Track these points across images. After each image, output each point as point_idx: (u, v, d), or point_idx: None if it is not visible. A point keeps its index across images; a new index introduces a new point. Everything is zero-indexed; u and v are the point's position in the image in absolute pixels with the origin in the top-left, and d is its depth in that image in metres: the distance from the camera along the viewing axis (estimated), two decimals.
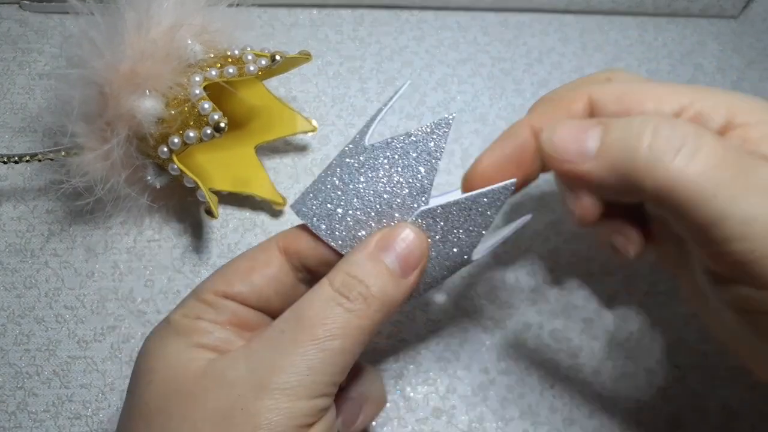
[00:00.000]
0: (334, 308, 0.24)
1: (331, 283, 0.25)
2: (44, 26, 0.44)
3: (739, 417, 0.35)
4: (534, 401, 0.35)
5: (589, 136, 0.24)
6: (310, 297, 0.24)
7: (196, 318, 0.26)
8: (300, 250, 0.27)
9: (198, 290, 0.27)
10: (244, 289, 0.26)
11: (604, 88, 0.27)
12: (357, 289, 0.24)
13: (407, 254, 0.25)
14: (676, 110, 0.25)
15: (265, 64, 0.34)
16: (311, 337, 0.23)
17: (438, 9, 0.47)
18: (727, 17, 0.48)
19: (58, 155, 0.34)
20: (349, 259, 0.25)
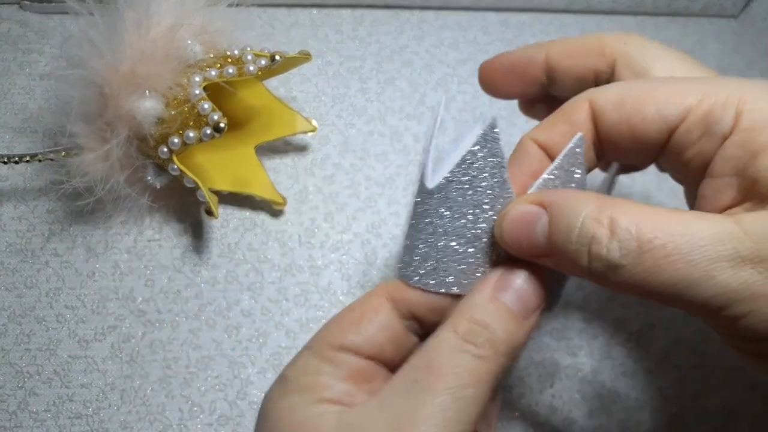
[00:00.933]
0: (463, 356, 0.23)
1: (456, 330, 0.24)
2: (44, 27, 0.44)
3: (739, 417, 0.35)
4: (534, 401, 0.35)
5: (538, 233, 0.24)
6: (436, 345, 0.24)
7: (315, 374, 0.25)
8: (408, 299, 0.26)
9: (312, 345, 0.26)
10: (357, 338, 0.26)
11: (605, 92, 0.26)
12: (483, 335, 0.24)
13: (528, 293, 0.25)
14: (681, 113, 0.24)
15: (264, 64, 0.35)
16: (445, 386, 0.23)
17: (438, 9, 0.47)
18: (727, 17, 0.48)
19: (59, 155, 0.34)
20: (470, 303, 0.25)
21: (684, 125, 0.24)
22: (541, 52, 0.30)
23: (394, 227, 0.39)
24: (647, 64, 0.28)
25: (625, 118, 0.25)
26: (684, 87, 0.25)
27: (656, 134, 0.25)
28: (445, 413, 0.22)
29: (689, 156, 0.25)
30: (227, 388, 0.35)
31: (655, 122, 0.24)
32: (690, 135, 0.24)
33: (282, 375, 0.26)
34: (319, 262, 0.38)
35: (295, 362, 0.26)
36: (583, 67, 0.29)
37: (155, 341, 0.35)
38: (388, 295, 0.27)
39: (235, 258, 0.38)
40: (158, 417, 0.34)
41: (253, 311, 0.36)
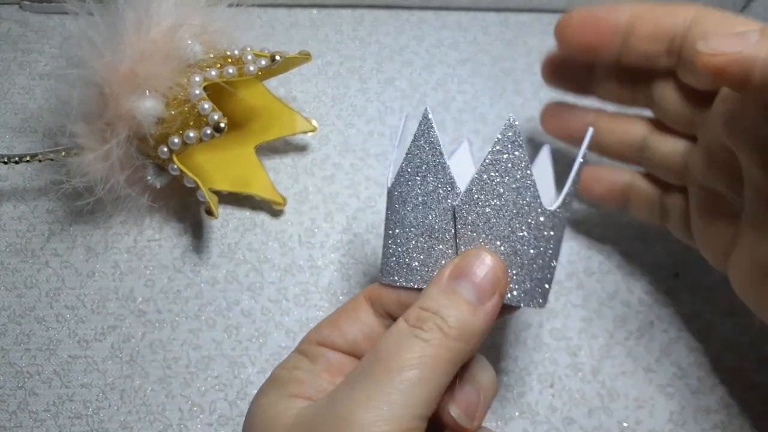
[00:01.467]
0: (408, 340, 0.24)
1: (407, 319, 0.25)
2: (44, 26, 0.44)
3: (739, 417, 0.35)
4: (534, 400, 0.35)
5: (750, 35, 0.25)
6: (386, 335, 0.25)
7: (293, 368, 0.27)
8: (381, 297, 0.28)
9: (300, 343, 0.28)
10: (333, 334, 0.27)
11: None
12: (431, 320, 0.24)
13: (482, 281, 0.25)
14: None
15: (264, 64, 0.35)
16: (386, 369, 0.23)
17: (438, 9, 0.47)
18: None
19: (59, 155, 0.34)
20: (423, 295, 0.26)
21: None
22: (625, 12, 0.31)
23: None
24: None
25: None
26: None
27: None
28: (388, 396, 0.22)
29: None
30: (227, 388, 0.35)
31: None
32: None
33: (271, 373, 0.28)
34: (319, 262, 0.38)
35: (283, 360, 0.28)
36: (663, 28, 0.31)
37: (155, 341, 0.35)
38: (367, 295, 0.28)
39: (235, 258, 0.38)
40: (158, 417, 0.34)
41: (253, 311, 0.36)
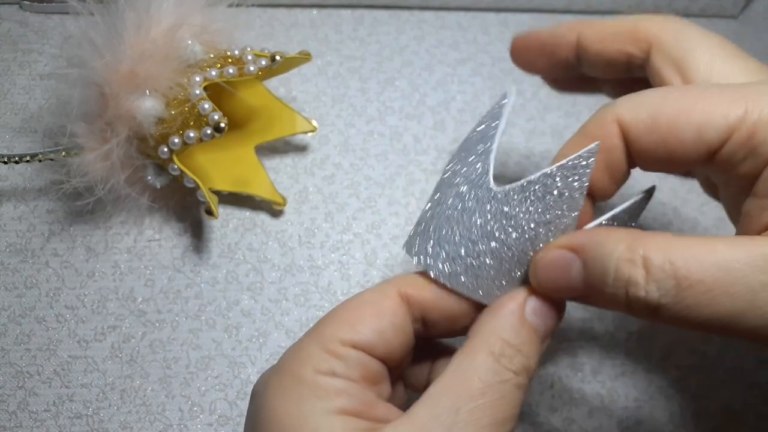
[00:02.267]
0: (505, 386, 0.22)
1: (490, 350, 0.23)
2: (44, 27, 0.44)
3: (739, 417, 0.35)
4: (534, 401, 0.35)
5: (573, 277, 0.23)
6: (473, 366, 0.23)
7: (330, 375, 0.23)
8: (425, 301, 0.25)
9: (320, 337, 0.24)
10: (373, 338, 0.24)
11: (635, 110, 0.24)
12: (519, 361, 0.23)
13: (552, 319, 0.24)
14: (723, 134, 0.22)
15: (265, 64, 0.35)
16: (490, 421, 0.22)
17: (438, 9, 0.47)
18: (727, 17, 0.48)
19: (59, 155, 0.34)
20: (499, 320, 0.24)
21: (727, 146, 0.23)
22: (571, 33, 0.29)
23: (394, 227, 0.39)
24: (685, 50, 0.26)
25: (662, 142, 0.23)
26: (723, 102, 0.23)
27: (696, 156, 0.23)
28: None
29: (732, 174, 0.24)
30: (227, 388, 0.35)
31: (696, 145, 0.23)
32: (734, 156, 0.23)
33: (290, 369, 0.23)
34: (319, 262, 0.38)
35: (303, 356, 0.24)
36: (616, 52, 0.28)
37: (155, 341, 0.35)
38: (403, 293, 0.25)
39: (235, 258, 0.38)
40: (158, 417, 0.34)
41: (253, 311, 0.36)
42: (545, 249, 0.24)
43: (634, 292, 0.21)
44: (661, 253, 0.21)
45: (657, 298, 0.21)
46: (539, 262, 0.24)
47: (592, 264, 0.22)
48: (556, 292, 0.24)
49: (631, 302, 0.21)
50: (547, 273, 0.24)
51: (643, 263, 0.21)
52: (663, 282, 0.21)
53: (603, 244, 0.22)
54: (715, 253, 0.21)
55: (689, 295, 0.20)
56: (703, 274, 0.20)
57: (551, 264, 0.24)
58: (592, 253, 0.22)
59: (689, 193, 0.41)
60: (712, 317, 0.20)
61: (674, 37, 0.27)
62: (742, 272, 0.20)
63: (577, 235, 0.24)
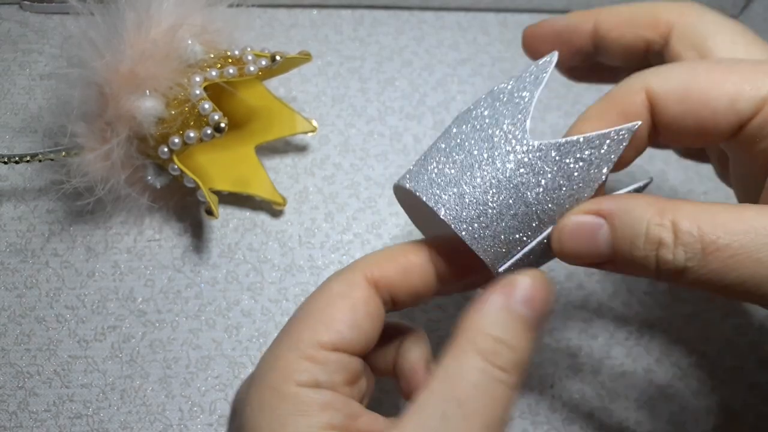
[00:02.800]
0: (496, 387, 0.21)
1: (477, 348, 0.22)
2: (44, 27, 0.44)
3: (739, 417, 0.35)
4: (534, 401, 0.35)
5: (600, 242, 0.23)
6: (460, 370, 0.22)
7: (313, 386, 0.22)
8: (392, 283, 0.24)
9: (297, 343, 0.23)
10: (351, 335, 0.23)
11: (666, 81, 0.24)
12: (509, 356, 0.22)
13: (542, 305, 0.23)
14: (756, 105, 0.22)
15: (265, 64, 0.35)
16: (482, 426, 0.21)
17: (438, 9, 0.47)
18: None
19: (59, 155, 0.34)
20: (488, 317, 0.22)
21: (757, 118, 0.23)
22: (589, 21, 0.28)
23: (394, 227, 0.39)
24: (706, 36, 0.26)
25: (692, 112, 0.23)
26: (755, 75, 0.23)
27: (727, 128, 0.23)
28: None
29: (760, 148, 0.23)
30: (227, 388, 0.35)
31: (726, 116, 0.23)
32: (764, 129, 0.23)
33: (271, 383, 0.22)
34: (319, 263, 0.38)
35: (282, 367, 0.22)
36: (635, 38, 0.28)
37: (155, 341, 0.35)
38: (370, 277, 0.24)
39: (235, 258, 0.38)
40: (158, 417, 0.34)
41: (253, 311, 0.36)
42: (569, 214, 0.23)
43: (663, 255, 0.21)
44: (688, 219, 0.21)
45: (683, 262, 0.21)
46: (564, 228, 0.23)
47: (622, 228, 0.22)
48: (580, 257, 0.23)
49: (660, 265, 0.22)
50: (573, 238, 0.23)
51: (672, 228, 0.21)
52: (690, 246, 0.21)
53: (633, 208, 0.22)
54: (743, 219, 0.21)
55: (715, 259, 0.21)
56: (729, 239, 0.20)
57: (578, 228, 0.23)
58: (621, 217, 0.22)
59: (689, 193, 0.41)
60: (736, 281, 0.21)
61: (694, 22, 0.26)
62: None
63: (602, 201, 0.23)
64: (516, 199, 0.23)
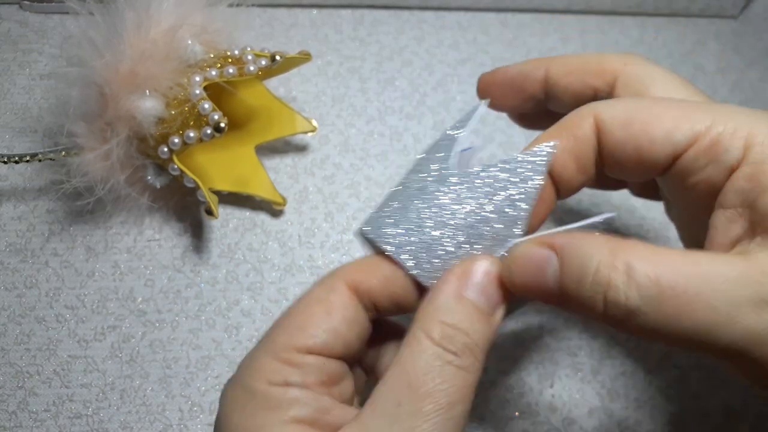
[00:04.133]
0: (447, 369, 0.22)
1: (429, 335, 0.22)
2: (44, 26, 0.44)
3: (739, 417, 0.35)
4: (534, 401, 0.35)
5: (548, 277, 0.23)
6: (413, 358, 0.22)
7: (284, 385, 0.23)
8: (372, 289, 0.25)
9: (272, 346, 0.24)
10: (327, 338, 0.23)
11: (612, 109, 0.25)
12: (460, 340, 0.22)
13: (493, 290, 0.24)
14: (690, 138, 0.24)
15: (265, 64, 0.35)
16: (435, 409, 0.21)
17: (438, 9, 0.47)
18: (727, 17, 0.48)
19: (59, 155, 0.34)
20: (437, 303, 0.23)
21: (691, 151, 0.24)
22: (540, 69, 0.30)
23: None
24: (648, 85, 0.27)
25: (633, 138, 0.24)
26: (693, 112, 0.24)
27: (663, 157, 0.24)
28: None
29: (693, 182, 0.24)
30: None
31: (663, 146, 0.24)
32: (697, 161, 0.24)
33: (243, 382, 0.23)
34: (319, 262, 0.38)
35: (256, 367, 0.23)
36: (583, 86, 0.29)
37: (155, 341, 0.35)
38: (351, 283, 0.25)
39: (235, 258, 0.38)
40: (158, 417, 0.34)
41: (253, 311, 0.36)
42: (522, 246, 0.24)
43: (613, 297, 0.21)
44: (644, 262, 0.21)
45: (637, 304, 0.21)
46: (515, 258, 0.23)
47: (570, 264, 0.22)
48: (528, 290, 0.23)
49: (609, 307, 0.21)
50: (522, 269, 0.23)
51: (626, 270, 0.21)
52: (645, 289, 0.21)
53: (584, 245, 0.22)
54: (700, 266, 0.21)
55: (671, 304, 0.20)
56: (686, 284, 0.20)
57: (528, 260, 0.23)
58: (572, 253, 0.22)
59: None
60: (689, 328, 0.20)
61: (638, 72, 0.28)
62: (725, 286, 0.20)
63: (557, 236, 0.24)
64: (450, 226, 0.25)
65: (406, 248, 0.25)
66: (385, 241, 0.25)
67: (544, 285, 0.23)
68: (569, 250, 0.22)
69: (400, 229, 0.25)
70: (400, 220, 0.25)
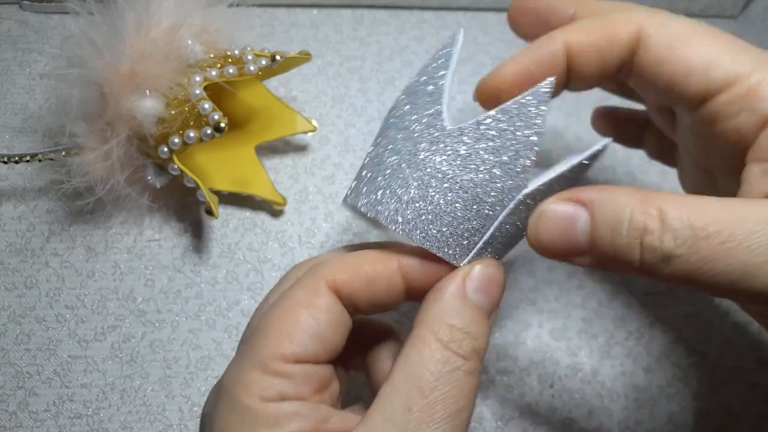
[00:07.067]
0: (456, 374, 0.22)
1: (438, 336, 0.22)
2: (44, 26, 0.44)
3: (739, 417, 0.35)
4: (534, 401, 0.35)
5: (578, 231, 0.22)
6: (421, 360, 0.22)
7: (279, 399, 0.22)
8: (354, 292, 0.24)
9: (260, 357, 0.23)
10: (314, 346, 0.23)
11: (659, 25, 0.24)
12: (468, 344, 0.22)
13: (495, 292, 0.24)
14: (728, 79, 0.22)
15: (265, 64, 0.35)
16: (444, 414, 0.21)
17: (438, 9, 0.47)
18: (727, 17, 0.48)
19: (59, 155, 0.34)
20: (444, 305, 0.23)
21: (726, 94, 0.23)
22: (570, 6, 0.28)
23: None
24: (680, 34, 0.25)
25: (670, 63, 0.23)
26: (737, 53, 0.23)
27: (694, 91, 0.23)
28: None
29: (722, 128, 0.23)
30: None
31: (698, 78, 0.23)
32: (730, 106, 0.23)
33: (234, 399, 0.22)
34: None
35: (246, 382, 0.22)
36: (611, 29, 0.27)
37: (155, 341, 0.35)
38: (332, 284, 0.24)
39: (235, 258, 0.38)
40: (158, 417, 0.34)
41: (252, 311, 0.36)
42: (547, 203, 0.23)
43: (649, 242, 0.21)
44: (677, 206, 0.21)
45: (672, 248, 0.20)
46: (541, 216, 0.23)
47: (603, 216, 0.21)
48: (556, 249, 0.23)
49: (645, 253, 0.21)
50: (549, 228, 0.22)
51: (659, 215, 0.21)
52: (680, 231, 0.20)
53: (617, 195, 0.22)
54: (733, 209, 0.20)
55: (706, 245, 0.20)
56: (720, 226, 0.20)
57: (556, 217, 0.22)
58: (604, 204, 0.22)
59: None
60: (725, 270, 0.20)
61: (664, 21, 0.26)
62: (759, 226, 0.20)
63: (583, 189, 0.23)
64: (454, 189, 0.23)
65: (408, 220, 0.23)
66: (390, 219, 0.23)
67: (575, 241, 0.22)
68: (600, 202, 0.22)
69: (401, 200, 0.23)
70: (396, 188, 0.23)
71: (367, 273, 0.24)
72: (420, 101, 0.24)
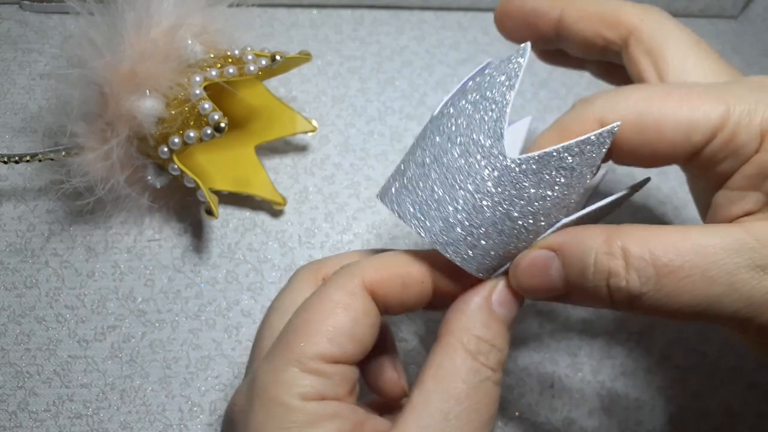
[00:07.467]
0: (486, 384, 0.23)
1: (467, 347, 0.23)
2: (44, 26, 0.44)
3: (739, 417, 0.35)
4: (534, 401, 0.35)
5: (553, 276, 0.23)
6: (454, 368, 0.23)
7: (320, 399, 0.22)
8: (388, 294, 0.24)
9: (298, 356, 0.22)
10: (353, 348, 0.23)
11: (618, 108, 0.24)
12: (495, 356, 0.23)
13: (515, 307, 0.24)
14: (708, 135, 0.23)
15: (265, 64, 0.35)
16: (479, 424, 0.22)
17: (438, 9, 0.47)
18: (727, 17, 0.48)
19: (59, 155, 0.34)
20: (472, 318, 0.24)
21: (709, 147, 0.23)
22: (555, 9, 0.29)
23: (394, 227, 0.39)
24: (660, 44, 0.27)
25: (647, 142, 0.24)
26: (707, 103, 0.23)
27: (681, 155, 0.24)
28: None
29: (711, 172, 0.24)
30: (227, 388, 0.35)
31: (681, 146, 0.23)
32: (715, 156, 0.23)
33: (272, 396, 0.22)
34: None
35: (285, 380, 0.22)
36: (595, 35, 0.28)
37: (155, 341, 0.35)
38: (369, 287, 0.24)
39: (235, 258, 0.38)
40: (158, 417, 0.34)
41: (253, 311, 0.36)
42: (523, 253, 0.24)
43: (615, 283, 0.21)
44: (638, 243, 0.21)
45: (638, 287, 0.21)
46: (518, 265, 0.24)
47: (571, 260, 0.23)
48: (537, 292, 0.24)
49: (613, 293, 0.22)
50: (527, 274, 0.24)
51: (622, 254, 0.21)
52: (643, 270, 0.21)
53: (581, 239, 0.22)
54: (690, 239, 0.21)
55: (669, 281, 0.21)
56: (681, 260, 0.21)
57: (531, 265, 0.23)
58: (570, 249, 0.23)
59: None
60: (691, 302, 0.21)
61: (653, 29, 0.27)
62: (718, 256, 0.20)
63: (554, 235, 0.24)
64: (501, 216, 0.23)
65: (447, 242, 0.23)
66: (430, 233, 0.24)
67: (551, 284, 0.23)
68: (568, 247, 0.23)
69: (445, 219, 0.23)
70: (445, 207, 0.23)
71: (402, 277, 0.25)
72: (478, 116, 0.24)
